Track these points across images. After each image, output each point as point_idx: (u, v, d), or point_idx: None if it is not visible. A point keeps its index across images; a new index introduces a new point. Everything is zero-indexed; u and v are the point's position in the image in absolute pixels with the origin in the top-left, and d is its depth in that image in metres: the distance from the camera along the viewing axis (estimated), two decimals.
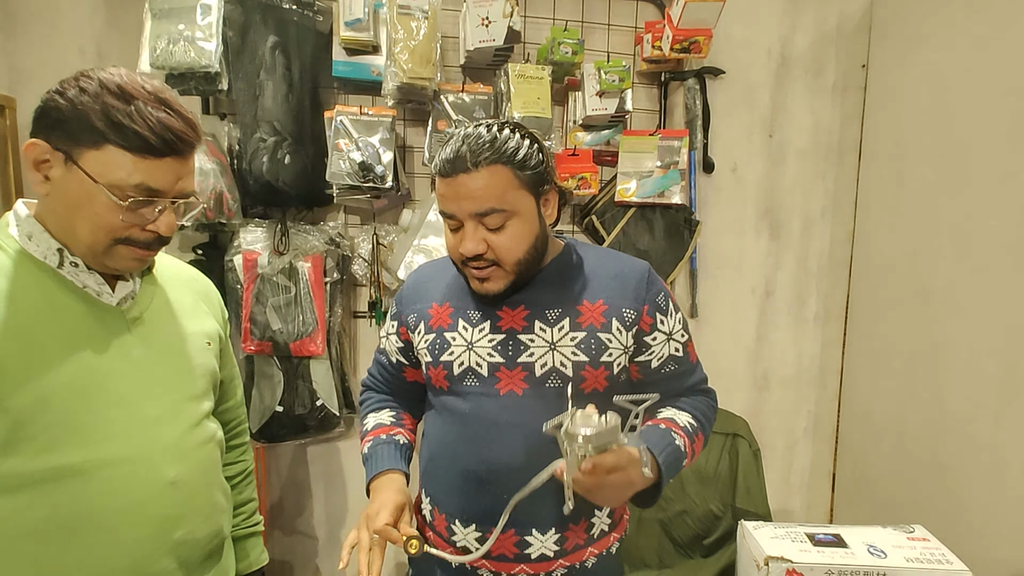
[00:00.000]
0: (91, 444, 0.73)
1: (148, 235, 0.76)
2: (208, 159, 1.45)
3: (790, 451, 2.14)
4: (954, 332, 1.61)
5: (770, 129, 1.99)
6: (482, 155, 0.82)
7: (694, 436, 0.91)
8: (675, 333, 0.94)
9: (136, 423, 0.77)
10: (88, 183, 0.71)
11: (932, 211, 1.68)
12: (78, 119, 0.70)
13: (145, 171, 0.72)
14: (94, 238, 0.73)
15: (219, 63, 1.40)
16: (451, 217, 0.86)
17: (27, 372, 0.70)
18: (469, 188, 0.82)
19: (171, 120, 0.73)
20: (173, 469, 0.79)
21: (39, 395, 0.70)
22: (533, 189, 0.86)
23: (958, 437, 1.58)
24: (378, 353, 1.09)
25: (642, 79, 1.88)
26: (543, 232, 0.90)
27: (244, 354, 1.58)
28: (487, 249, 0.85)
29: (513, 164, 0.83)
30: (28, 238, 0.74)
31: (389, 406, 1.07)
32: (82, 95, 0.70)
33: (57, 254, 0.74)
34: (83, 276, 0.76)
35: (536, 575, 0.91)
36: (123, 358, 0.78)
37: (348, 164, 1.49)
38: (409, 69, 1.48)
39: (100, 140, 0.70)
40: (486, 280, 0.88)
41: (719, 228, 1.98)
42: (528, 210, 0.86)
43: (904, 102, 1.79)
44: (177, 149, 0.74)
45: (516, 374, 0.89)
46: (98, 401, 0.74)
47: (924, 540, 0.91)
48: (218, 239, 1.64)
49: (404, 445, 0.99)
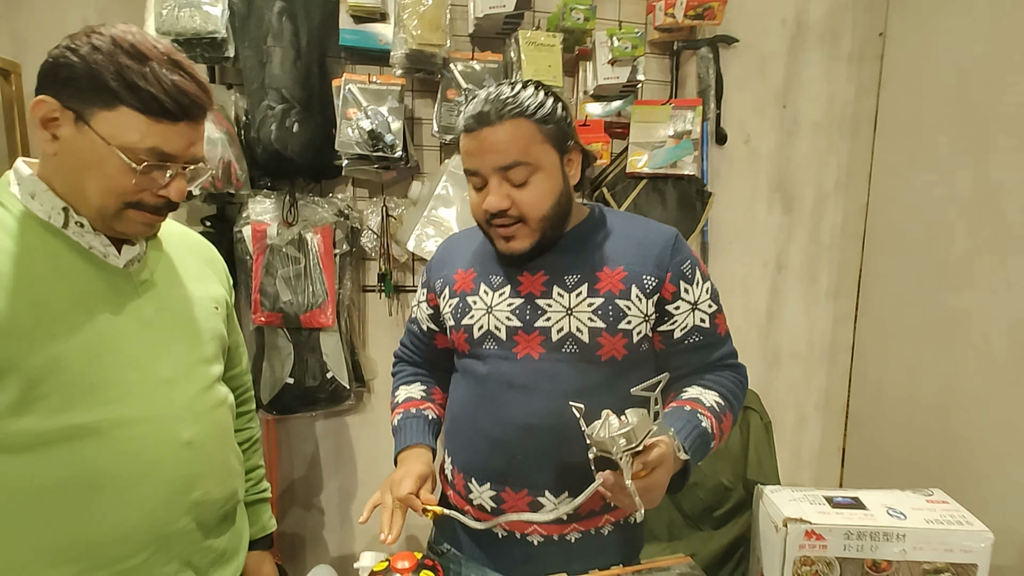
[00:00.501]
0: (106, 404, 0.73)
1: (159, 200, 0.75)
2: (216, 128, 1.43)
3: (800, 426, 2.13)
4: (968, 305, 1.59)
5: (784, 100, 1.95)
6: (505, 109, 0.82)
7: (722, 416, 0.89)
8: (701, 303, 0.92)
9: (150, 384, 0.77)
10: (100, 144, 0.69)
11: (948, 184, 1.65)
12: (91, 78, 0.68)
13: (159, 135, 0.70)
14: (104, 201, 0.72)
15: (225, 29, 1.37)
16: (475, 174, 0.86)
17: (39, 331, 0.69)
18: (492, 142, 0.83)
19: (186, 83, 0.71)
20: (188, 430, 0.79)
21: (52, 355, 0.69)
22: (557, 145, 0.86)
23: (971, 409, 1.57)
24: (410, 323, 1.11)
25: (654, 49, 1.84)
26: (567, 190, 0.89)
27: (254, 326, 1.58)
28: (511, 205, 0.85)
29: (536, 119, 0.84)
30: (31, 197, 0.72)
31: (421, 379, 1.08)
32: (95, 53, 0.68)
33: (62, 213, 0.73)
34: (89, 237, 0.75)
35: (549, 536, 0.91)
36: (133, 320, 0.77)
37: (357, 133, 1.47)
38: (418, 35, 1.45)
39: (114, 101, 0.68)
40: (512, 239, 0.88)
41: (731, 201, 1.96)
42: (552, 165, 0.86)
43: (922, 72, 1.75)
44: (191, 114, 0.73)
45: (533, 338, 0.89)
46: (111, 362, 0.74)
47: (944, 503, 0.90)
48: (226, 211, 1.63)
49: (432, 420, 1.01)
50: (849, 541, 0.82)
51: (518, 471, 0.90)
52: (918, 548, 0.82)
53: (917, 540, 0.82)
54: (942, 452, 1.66)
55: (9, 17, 1.53)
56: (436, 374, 1.10)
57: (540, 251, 0.90)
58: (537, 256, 0.91)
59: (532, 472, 0.89)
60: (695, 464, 0.82)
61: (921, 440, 1.74)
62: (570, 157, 0.90)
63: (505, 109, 0.82)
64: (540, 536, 0.91)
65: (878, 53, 1.94)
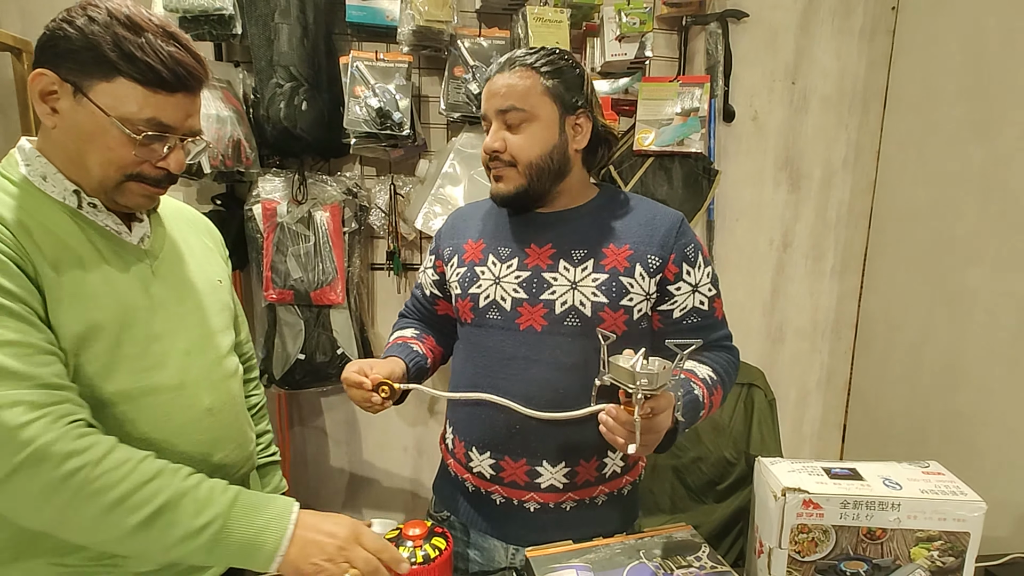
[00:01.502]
0: (135, 374, 0.75)
1: (158, 172, 0.76)
2: (225, 106, 1.44)
3: (802, 403, 2.16)
4: (974, 282, 1.59)
5: (793, 75, 1.93)
6: (517, 60, 0.91)
7: (713, 389, 0.92)
8: (701, 286, 0.95)
9: (172, 355, 0.80)
10: (99, 116, 0.70)
11: (959, 159, 1.64)
12: (89, 49, 0.68)
13: (156, 106, 0.71)
14: (105, 173, 0.73)
15: (232, 6, 1.38)
16: (484, 118, 0.94)
17: (76, 301, 0.71)
18: (498, 86, 0.91)
19: (181, 55, 0.72)
20: (207, 398, 0.83)
21: (89, 324, 0.72)
22: (559, 101, 0.91)
23: (973, 385, 1.59)
24: (415, 288, 1.14)
25: (662, 24, 1.82)
26: (563, 147, 0.92)
27: (266, 303, 1.61)
28: (504, 148, 0.91)
29: (542, 73, 0.90)
30: (43, 179, 0.73)
31: (414, 327, 1.11)
32: (92, 24, 0.68)
33: (75, 196, 0.74)
34: (102, 216, 0.76)
35: (545, 504, 0.94)
36: (150, 295, 0.80)
37: (365, 111, 1.48)
38: (426, 12, 1.45)
39: (112, 72, 0.69)
40: (500, 179, 0.94)
41: (738, 178, 1.96)
42: (549, 118, 0.91)
43: (935, 46, 1.73)
44: (188, 84, 0.73)
45: (537, 310, 0.92)
46: (137, 334, 0.76)
47: (939, 474, 0.92)
48: (235, 189, 1.65)
49: (415, 351, 1.03)
50: (845, 510, 0.84)
51: (517, 440, 0.93)
52: (912, 517, 0.84)
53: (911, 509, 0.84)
54: (943, 428, 1.69)
55: None
56: (432, 330, 1.13)
57: (526, 200, 0.95)
58: (524, 207, 0.96)
59: (531, 441, 0.93)
60: (683, 429, 0.85)
61: (922, 416, 1.76)
62: (577, 121, 0.93)
63: (517, 61, 0.91)
64: (536, 503, 0.95)
65: (890, 27, 1.91)
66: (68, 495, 0.64)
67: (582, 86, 0.92)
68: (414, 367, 0.99)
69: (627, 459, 0.98)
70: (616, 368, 0.74)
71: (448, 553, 0.82)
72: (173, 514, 0.67)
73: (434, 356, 1.08)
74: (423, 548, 0.80)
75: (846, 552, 0.85)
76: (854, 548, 0.85)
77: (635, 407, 0.72)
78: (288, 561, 0.70)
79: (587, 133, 0.94)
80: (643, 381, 0.71)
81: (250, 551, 0.70)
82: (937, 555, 0.85)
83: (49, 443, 0.63)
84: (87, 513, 0.65)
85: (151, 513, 0.66)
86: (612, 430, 0.77)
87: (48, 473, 0.63)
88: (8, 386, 0.63)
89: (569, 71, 0.91)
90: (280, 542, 0.70)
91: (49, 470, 0.63)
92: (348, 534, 0.73)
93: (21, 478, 0.63)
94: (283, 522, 0.71)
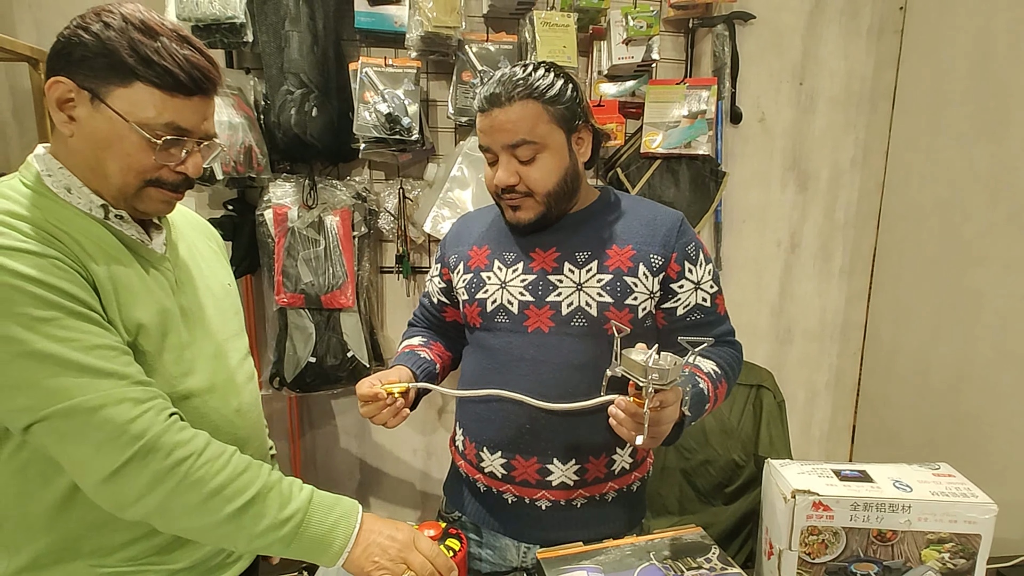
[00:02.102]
0: (176, 378, 0.77)
1: (177, 177, 0.76)
2: (236, 113, 1.46)
3: (811, 404, 2.16)
4: (983, 283, 1.59)
5: (801, 76, 1.93)
6: (515, 91, 0.88)
7: (717, 383, 0.93)
8: (703, 283, 0.96)
9: (201, 359, 0.81)
10: (118, 122, 0.69)
11: (968, 160, 1.64)
12: (106, 55, 0.68)
13: (174, 109, 0.71)
14: (125, 179, 0.73)
15: (244, 14, 1.39)
16: (487, 150, 0.92)
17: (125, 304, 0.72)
18: (502, 121, 0.88)
19: (197, 58, 0.72)
20: (235, 399, 0.85)
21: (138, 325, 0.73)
22: (564, 124, 0.91)
23: (982, 386, 1.58)
24: (423, 297, 1.16)
25: (668, 27, 1.83)
26: (574, 167, 0.94)
27: (277, 307, 1.62)
28: (519, 181, 0.90)
29: (544, 100, 0.88)
30: (68, 191, 0.73)
31: (421, 335, 1.13)
32: (107, 30, 0.68)
33: (102, 209, 0.74)
34: (128, 227, 0.77)
35: (556, 502, 0.96)
36: (175, 302, 0.81)
37: (375, 116, 1.49)
38: (434, 17, 1.46)
39: (130, 77, 0.69)
40: (519, 209, 0.93)
41: (745, 180, 1.96)
42: (558, 144, 0.91)
43: (943, 46, 1.72)
44: (204, 88, 0.74)
45: (544, 312, 0.93)
46: (173, 340, 0.78)
47: (949, 476, 0.92)
48: (246, 195, 1.67)
49: (423, 358, 1.04)
50: (856, 512, 0.84)
51: (527, 440, 0.94)
52: (923, 519, 0.84)
53: (922, 511, 0.84)
54: (952, 429, 1.68)
55: (31, 4, 1.56)
56: (440, 336, 1.14)
57: (545, 223, 0.95)
58: (542, 228, 0.96)
59: (541, 441, 0.94)
60: (689, 423, 0.86)
61: (931, 417, 1.75)
62: (580, 136, 0.94)
63: (515, 91, 0.87)
64: (548, 501, 0.96)
65: (898, 27, 1.90)
66: (174, 483, 0.67)
67: (577, 98, 0.92)
68: (423, 373, 1.01)
69: (635, 454, 1.00)
70: (628, 361, 0.76)
71: (463, 553, 0.84)
72: (262, 505, 0.71)
73: (443, 361, 1.09)
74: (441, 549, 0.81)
75: (856, 554, 0.85)
76: (864, 550, 0.85)
77: (645, 400, 0.74)
78: (352, 559, 0.74)
79: (589, 143, 0.96)
80: (654, 376, 0.72)
81: (322, 546, 0.73)
82: (948, 557, 0.85)
83: (158, 435, 0.67)
84: (189, 501, 0.68)
85: (244, 503, 0.70)
86: (622, 423, 0.78)
87: (158, 463, 0.66)
88: (110, 384, 0.66)
89: (564, 88, 0.90)
90: (348, 540, 0.74)
91: (159, 460, 0.66)
92: (407, 538, 0.77)
93: (132, 469, 0.66)
94: (351, 521, 0.75)
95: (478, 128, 0.93)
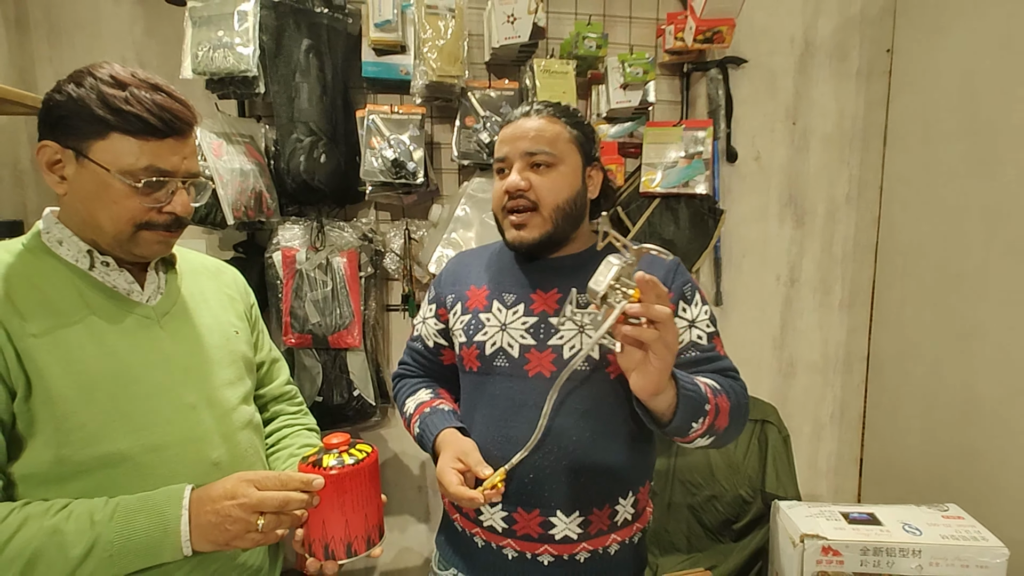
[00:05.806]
0: (137, 431, 0.77)
1: (166, 217, 0.79)
2: (248, 160, 1.50)
3: (816, 437, 2.15)
4: (984, 316, 1.61)
5: (794, 116, 1.99)
6: (545, 108, 0.95)
7: (717, 393, 0.88)
8: (698, 322, 0.96)
9: (176, 410, 0.81)
10: (101, 173, 0.74)
11: (961, 195, 1.67)
12: (79, 112, 0.73)
13: (151, 153, 0.75)
14: (117, 227, 0.76)
15: (256, 67, 1.44)
16: (503, 160, 0.94)
17: (68, 366, 0.73)
18: (526, 128, 0.93)
19: (166, 101, 0.76)
20: (216, 451, 0.83)
21: (84, 385, 0.73)
22: (582, 151, 0.95)
23: (989, 421, 1.59)
24: (411, 341, 1.13)
25: (664, 70, 1.89)
26: (583, 196, 0.96)
27: (284, 347, 1.64)
28: (530, 187, 0.91)
29: (568, 123, 0.94)
30: (59, 243, 0.78)
31: (424, 386, 1.09)
32: (78, 88, 0.73)
33: (87, 256, 0.78)
34: (113, 276, 0.80)
35: (560, 556, 0.92)
36: (156, 350, 0.81)
37: (381, 162, 1.54)
38: (438, 67, 1.51)
39: (104, 129, 0.73)
40: (523, 226, 0.93)
41: (743, 216, 2.00)
42: (574, 165, 0.94)
43: (930, 86, 1.78)
44: (176, 128, 0.77)
45: (545, 356, 0.92)
46: (138, 391, 0.78)
47: (959, 518, 0.93)
48: (256, 237, 1.70)
49: (451, 411, 1.01)
50: (866, 557, 0.85)
51: (530, 492, 0.91)
52: (934, 563, 0.84)
53: (933, 555, 0.85)
54: (960, 463, 1.67)
55: (52, 57, 1.62)
56: (442, 383, 1.10)
57: (547, 247, 0.95)
58: (542, 253, 0.96)
59: (544, 492, 0.91)
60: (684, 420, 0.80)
61: (938, 451, 1.75)
62: (591, 172, 0.97)
63: (545, 108, 0.95)
64: (551, 556, 0.92)
65: (886, 68, 1.97)
66: None
67: (595, 138, 0.98)
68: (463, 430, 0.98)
69: (636, 505, 0.96)
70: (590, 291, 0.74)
71: (375, 455, 0.80)
72: (49, 556, 0.67)
73: (456, 404, 1.06)
74: (350, 453, 0.78)
75: None
76: None
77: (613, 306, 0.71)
78: (200, 539, 0.71)
79: (599, 185, 0.99)
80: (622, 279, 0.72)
81: (153, 550, 0.71)
82: None
83: None
84: None
85: (24, 566, 0.66)
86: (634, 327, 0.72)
87: None
88: None
89: (585, 126, 0.96)
90: (178, 530, 0.71)
91: None
92: (236, 485, 0.73)
93: None
94: (174, 511, 0.72)
95: (499, 139, 0.96)
